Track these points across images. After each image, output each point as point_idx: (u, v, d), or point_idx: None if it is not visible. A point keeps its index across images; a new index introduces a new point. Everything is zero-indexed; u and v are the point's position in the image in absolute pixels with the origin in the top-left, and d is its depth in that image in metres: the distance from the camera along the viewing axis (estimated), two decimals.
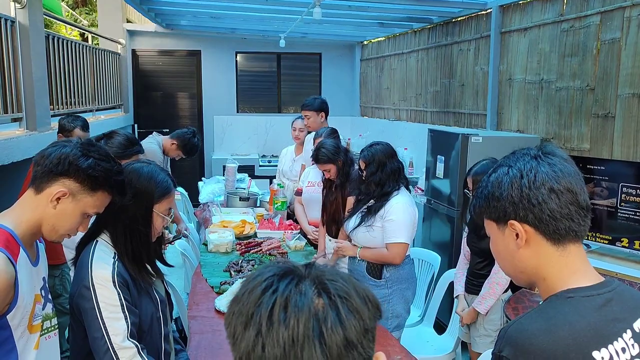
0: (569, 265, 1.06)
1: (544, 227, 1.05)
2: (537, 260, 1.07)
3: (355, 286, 0.79)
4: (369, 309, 0.78)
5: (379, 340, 2.49)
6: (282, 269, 0.79)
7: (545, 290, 1.08)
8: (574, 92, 3.98)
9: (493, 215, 1.12)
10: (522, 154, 1.10)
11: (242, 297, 0.78)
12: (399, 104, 7.20)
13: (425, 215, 4.67)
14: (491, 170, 1.13)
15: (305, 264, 0.81)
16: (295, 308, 0.73)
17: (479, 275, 2.99)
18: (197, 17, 6.95)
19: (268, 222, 4.17)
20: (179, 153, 4.24)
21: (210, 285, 3.06)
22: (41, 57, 4.27)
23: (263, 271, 0.80)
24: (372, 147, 3.02)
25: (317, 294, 0.75)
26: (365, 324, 0.76)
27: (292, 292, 0.74)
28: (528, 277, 1.12)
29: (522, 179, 1.06)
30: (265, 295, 0.75)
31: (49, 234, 1.49)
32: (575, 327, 0.98)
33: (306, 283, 0.76)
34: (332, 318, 0.73)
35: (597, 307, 1.01)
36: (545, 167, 1.06)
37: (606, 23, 3.68)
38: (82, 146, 1.48)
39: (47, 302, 1.57)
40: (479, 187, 1.15)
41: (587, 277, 1.06)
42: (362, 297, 0.78)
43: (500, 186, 1.08)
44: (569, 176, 1.05)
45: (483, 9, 5.08)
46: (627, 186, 3.11)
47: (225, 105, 8.61)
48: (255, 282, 0.78)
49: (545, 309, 1.03)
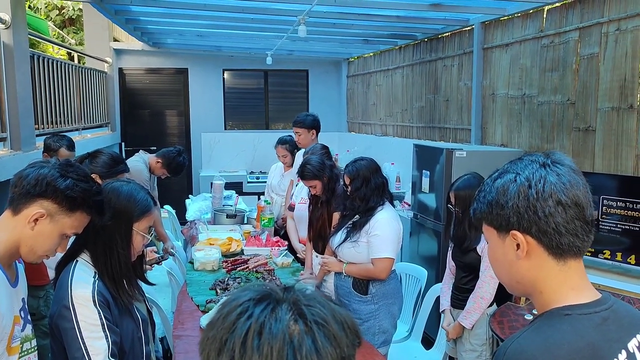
0: (567, 281, 1.03)
1: (547, 241, 1.00)
2: (536, 273, 1.03)
3: (334, 312, 0.77)
4: (347, 336, 0.76)
5: (365, 357, 2.48)
6: (259, 293, 0.77)
7: (541, 304, 1.05)
8: (555, 106, 4.04)
9: (495, 223, 1.06)
10: (530, 161, 1.04)
11: (217, 322, 0.76)
12: (385, 119, 7.26)
13: (412, 230, 4.68)
14: (496, 175, 1.07)
15: (284, 287, 0.80)
16: (269, 335, 0.71)
17: (464, 290, 3.00)
18: (183, 36, 6.99)
19: (255, 239, 4.16)
20: (164, 172, 4.22)
21: (196, 303, 3.04)
22: (26, 77, 4.27)
23: (239, 295, 0.78)
24: (357, 163, 3.04)
25: (294, 320, 0.73)
26: (343, 352, 0.74)
27: (267, 318, 0.73)
28: (524, 288, 1.08)
29: (530, 188, 1.00)
30: (240, 321, 0.73)
31: (27, 255, 1.48)
32: (573, 347, 0.95)
33: (283, 308, 0.74)
34: (308, 345, 0.71)
35: (594, 326, 0.98)
36: (554, 177, 1.00)
37: (585, 38, 3.75)
38: (60, 167, 1.47)
39: (26, 324, 1.55)
40: (481, 191, 1.09)
41: (584, 293, 1.03)
42: (340, 323, 0.76)
43: (505, 194, 1.02)
44: (576, 188, 1.00)
45: (465, 25, 5.16)
46: (609, 198, 3.15)
47: (213, 122, 8.63)
48: (231, 306, 0.76)
49: (543, 328, 1.00)
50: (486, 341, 2.91)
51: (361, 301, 2.96)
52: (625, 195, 3.08)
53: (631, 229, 3.04)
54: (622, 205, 3.09)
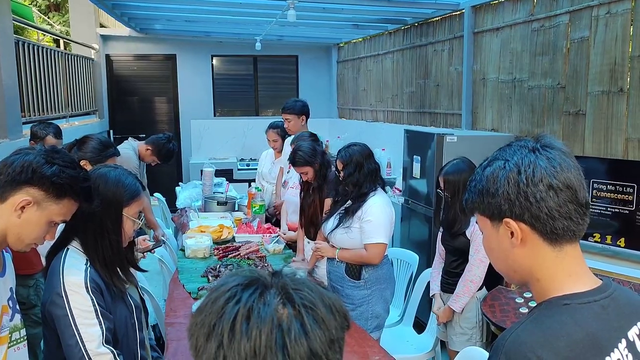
0: (564, 268, 1.01)
1: (541, 226, 0.99)
2: (532, 260, 1.02)
3: (322, 295, 0.77)
4: (336, 319, 0.76)
5: (358, 342, 2.49)
6: (247, 278, 0.77)
7: (538, 292, 1.04)
8: (545, 90, 4.04)
9: (487, 212, 1.05)
10: (519, 147, 1.03)
11: (205, 307, 0.76)
12: (375, 105, 7.24)
13: (403, 215, 4.69)
14: (486, 163, 1.06)
15: (272, 272, 0.80)
16: (257, 319, 0.71)
17: (453, 274, 3.01)
18: (171, 21, 6.89)
19: (246, 226, 4.15)
20: (154, 159, 4.19)
21: (187, 291, 3.03)
22: (11, 64, 4.20)
23: (228, 280, 0.78)
24: (350, 148, 3.02)
25: (282, 304, 0.73)
26: (331, 335, 0.74)
27: (255, 303, 0.73)
28: (521, 277, 1.07)
29: (519, 174, 0.99)
30: (228, 306, 0.73)
31: (15, 243, 1.46)
32: (573, 338, 0.93)
33: (271, 293, 0.75)
34: (296, 329, 0.71)
35: (594, 315, 0.97)
36: (544, 161, 0.99)
37: (575, 22, 3.74)
38: (46, 153, 1.45)
39: (15, 313, 1.53)
40: (472, 180, 1.08)
41: (582, 280, 1.01)
42: (328, 307, 0.76)
43: (495, 182, 1.01)
44: (567, 171, 0.99)
45: (456, 9, 5.13)
46: (599, 182, 3.16)
47: (202, 109, 8.56)
48: (219, 292, 0.76)
49: (542, 318, 0.98)
50: (476, 324, 2.94)
51: (354, 286, 2.97)
52: (615, 178, 3.10)
53: (621, 212, 3.07)
54: (611, 189, 3.10)
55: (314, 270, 3.34)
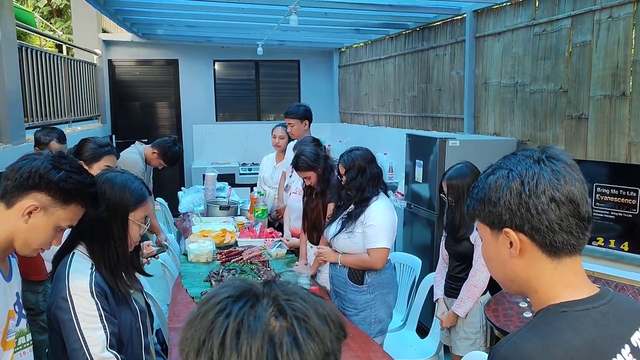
0: (562, 279, 1.01)
1: (540, 239, 0.98)
2: (530, 271, 1.02)
3: (316, 305, 0.74)
4: (331, 330, 0.73)
5: (362, 346, 2.49)
6: (238, 290, 0.75)
7: (537, 303, 1.03)
8: (547, 94, 4.05)
9: (487, 220, 1.04)
10: (524, 156, 1.02)
11: (195, 321, 0.74)
12: (377, 109, 7.25)
13: (405, 220, 4.69)
14: (489, 171, 1.05)
15: (265, 281, 0.77)
16: (248, 333, 0.69)
17: (457, 279, 3.01)
18: (174, 27, 6.92)
19: (249, 231, 4.15)
20: (160, 162, 4.20)
21: (190, 295, 3.03)
22: (14, 69, 4.21)
23: (218, 292, 0.76)
24: (352, 153, 3.03)
25: (274, 317, 0.71)
26: (326, 347, 0.71)
27: (245, 316, 0.70)
28: (519, 287, 1.06)
29: (522, 185, 0.98)
30: (218, 320, 0.71)
31: (22, 248, 1.46)
32: (571, 345, 0.92)
33: (262, 304, 0.72)
34: (288, 343, 0.69)
35: (593, 322, 0.95)
36: (548, 173, 0.98)
37: (577, 26, 3.75)
38: (53, 159, 1.45)
39: (21, 318, 1.54)
40: (474, 187, 1.08)
41: (580, 289, 1.01)
42: (322, 317, 0.73)
43: (497, 190, 1.01)
44: (571, 184, 0.98)
45: (457, 14, 5.14)
46: (601, 186, 3.17)
47: (204, 114, 8.57)
48: (209, 304, 0.74)
49: (539, 326, 0.97)
50: (480, 329, 2.93)
51: (357, 291, 2.96)
52: (618, 182, 3.10)
53: (624, 216, 3.07)
54: (615, 193, 3.11)
55: (317, 275, 3.34)
